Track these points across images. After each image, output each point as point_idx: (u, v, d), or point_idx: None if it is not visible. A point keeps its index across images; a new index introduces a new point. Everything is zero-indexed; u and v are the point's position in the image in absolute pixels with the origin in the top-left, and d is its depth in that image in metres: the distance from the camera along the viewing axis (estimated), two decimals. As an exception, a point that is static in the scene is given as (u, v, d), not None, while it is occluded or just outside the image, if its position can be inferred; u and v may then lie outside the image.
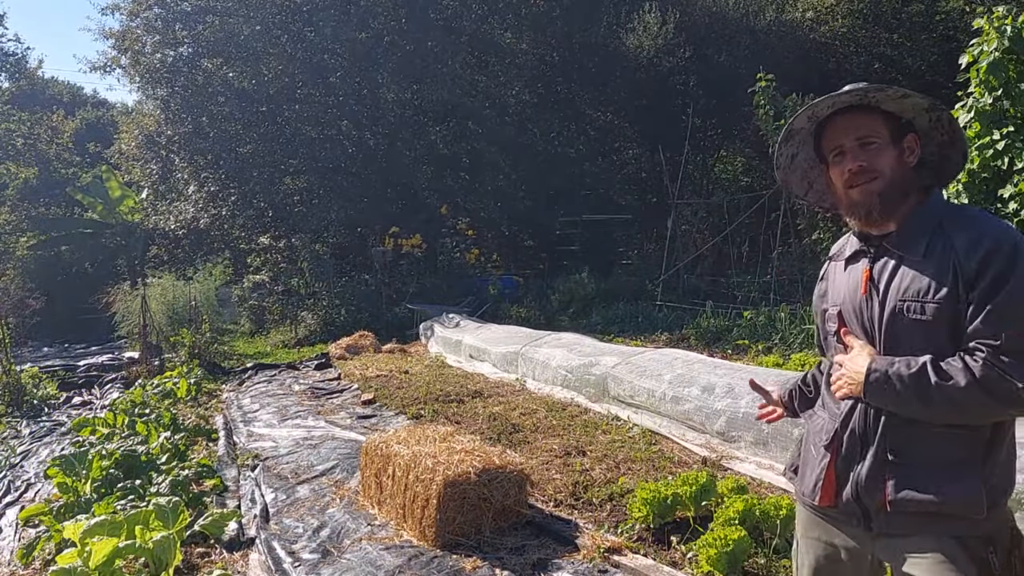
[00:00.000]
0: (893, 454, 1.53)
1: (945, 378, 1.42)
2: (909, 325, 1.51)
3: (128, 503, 3.83)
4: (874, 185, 1.56)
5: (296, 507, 4.21)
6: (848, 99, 1.56)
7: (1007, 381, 1.38)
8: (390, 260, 14.93)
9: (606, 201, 17.20)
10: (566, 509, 3.87)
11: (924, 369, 1.44)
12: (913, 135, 1.59)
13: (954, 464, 1.48)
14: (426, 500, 3.54)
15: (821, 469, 1.64)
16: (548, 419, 5.72)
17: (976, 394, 1.39)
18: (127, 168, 19.18)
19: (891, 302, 1.54)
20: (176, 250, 18.74)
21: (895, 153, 1.57)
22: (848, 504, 1.59)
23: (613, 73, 16.06)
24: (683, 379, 5.25)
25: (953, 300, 1.46)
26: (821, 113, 1.62)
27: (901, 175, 1.57)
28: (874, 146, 1.56)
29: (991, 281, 1.42)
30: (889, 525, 1.54)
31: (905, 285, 1.52)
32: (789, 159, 1.74)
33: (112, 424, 6.07)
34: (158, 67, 16.11)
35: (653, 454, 4.67)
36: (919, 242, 1.53)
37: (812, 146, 1.69)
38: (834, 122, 1.61)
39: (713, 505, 3.51)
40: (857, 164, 1.56)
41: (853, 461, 1.59)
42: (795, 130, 1.67)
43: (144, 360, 9.94)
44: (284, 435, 5.95)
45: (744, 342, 8.28)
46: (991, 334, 1.41)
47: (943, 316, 1.47)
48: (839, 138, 1.60)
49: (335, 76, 16.08)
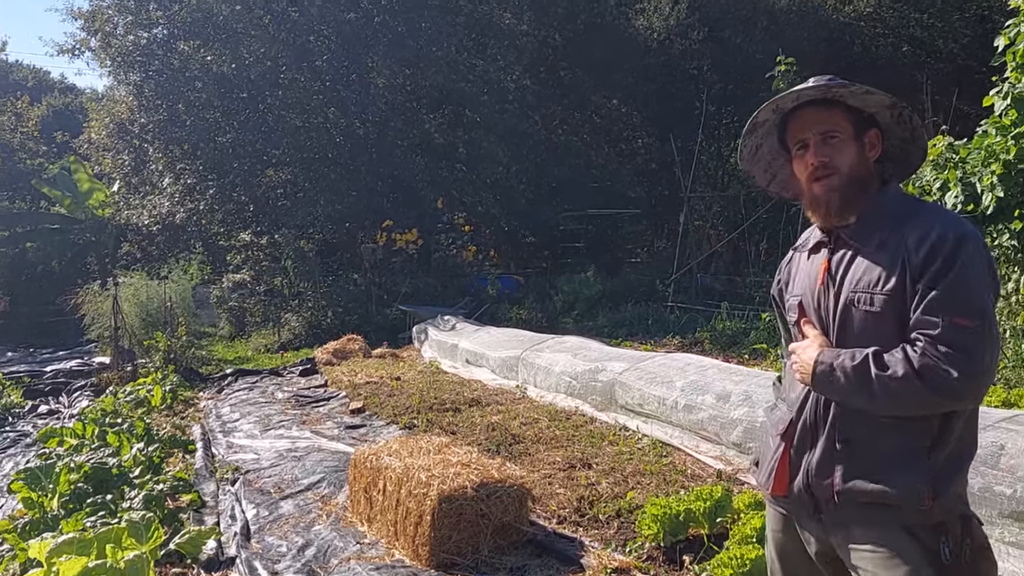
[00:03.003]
0: (842, 443, 1.64)
1: (884, 368, 1.52)
2: (859, 317, 1.63)
3: (98, 520, 3.83)
4: (834, 180, 1.68)
5: (279, 524, 4.21)
6: (812, 93, 1.68)
7: (944, 371, 1.47)
8: (381, 258, 14.94)
9: (613, 194, 17.19)
10: (570, 526, 3.87)
11: (866, 360, 1.54)
12: (876, 131, 1.71)
13: (901, 453, 1.58)
14: (419, 516, 3.54)
15: (775, 458, 1.76)
16: (551, 429, 5.73)
17: (914, 384, 1.49)
18: (97, 159, 19.16)
19: (844, 293, 1.66)
20: (150, 247, 18.72)
21: (856, 148, 1.69)
22: (799, 494, 1.70)
23: (621, 56, 16.07)
24: (696, 386, 5.25)
25: (901, 292, 1.57)
26: (786, 106, 1.73)
27: (861, 170, 1.69)
28: (836, 140, 1.68)
29: (934, 272, 1.53)
30: (838, 516, 1.65)
31: (858, 277, 1.65)
32: (753, 150, 1.87)
33: (81, 435, 6.07)
34: (131, 50, 16.08)
35: (664, 467, 4.67)
36: (874, 235, 1.65)
37: (776, 137, 1.82)
38: (798, 115, 1.73)
39: (729, 522, 3.51)
40: (819, 159, 1.68)
41: (805, 450, 1.70)
42: (759, 122, 1.79)
43: (116, 366, 9.94)
44: (267, 446, 5.96)
45: (762, 346, 8.28)
46: (930, 324, 1.51)
47: (891, 308, 1.58)
48: (803, 131, 1.71)
49: (322, 60, 16.07)
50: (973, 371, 1.48)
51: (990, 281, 1.55)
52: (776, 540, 1.87)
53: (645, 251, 16.06)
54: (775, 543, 1.87)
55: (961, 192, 5.82)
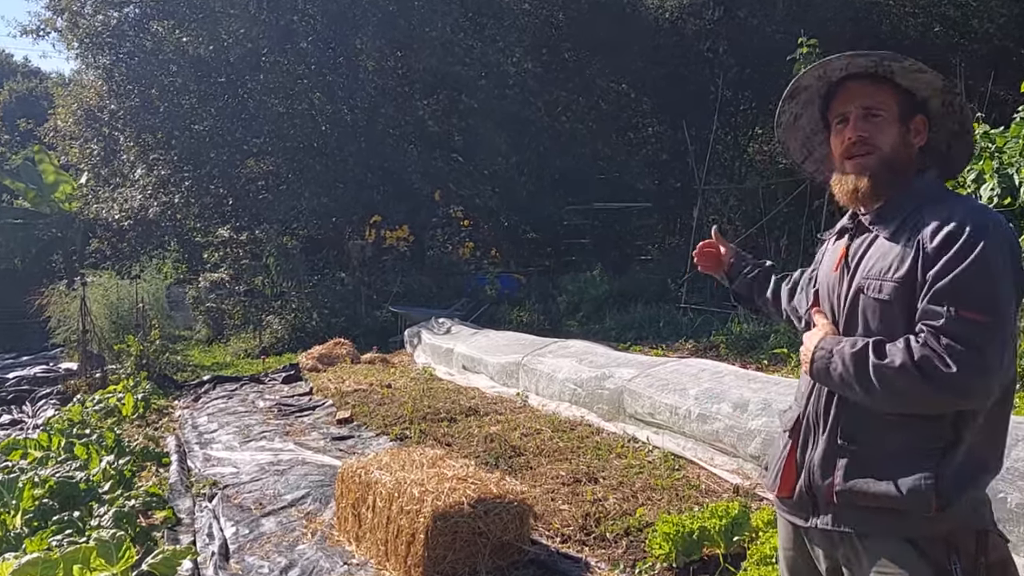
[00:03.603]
0: (845, 439, 1.65)
1: (882, 357, 1.53)
2: (868, 305, 1.65)
3: (65, 538, 3.83)
4: (870, 160, 1.68)
5: (261, 543, 4.21)
6: (863, 63, 1.68)
7: (943, 363, 1.46)
8: (370, 255, 14.94)
9: (621, 187, 17.19)
10: (575, 545, 3.88)
11: (865, 348, 1.56)
12: (922, 117, 1.71)
13: (907, 454, 1.57)
14: (412, 535, 3.54)
15: (782, 456, 1.79)
16: (554, 441, 5.74)
17: (911, 376, 1.49)
18: (64, 148, 19.18)
19: (856, 280, 1.69)
20: (121, 244, 18.73)
21: (899, 130, 1.69)
22: (801, 494, 1.73)
23: (629, 37, 16.06)
24: (712, 394, 5.26)
25: (911, 281, 1.58)
26: (832, 75, 1.73)
27: (900, 155, 1.69)
28: (879, 118, 1.69)
29: (946, 261, 1.53)
30: (837, 520, 1.65)
31: (872, 264, 1.67)
32: (792, 118, 1.87)
33: (47, 446, 6.08)
34: (100, 30, 16.09)
35: (676, 481, 4.68)
36: (893, 221, 1.67)
37: (818, 110, 1.82)
38: (844, 87, 1.73)
39: (747, 541, 3.51)
40: (857, 134, 1.68)
41: (808, 447, 1.73)
42: (801, 87, 1.79)
43: (84, 372, 9.94)
44: (247, 459, 5.97)
45: (783, 351, 8.27)
46: (935, 314, 1.52)
47: (900, 297, 1.59)
48: (846, 104, 1.72)
49: (306, 41, 16.07)
50: (977, 368, 1.46)
51: (1013, 276, 1.54)
52: (787, 558, 1.88)
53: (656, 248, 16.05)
54: (786, 561, 1.88)
55: (997, 184, 5.82)
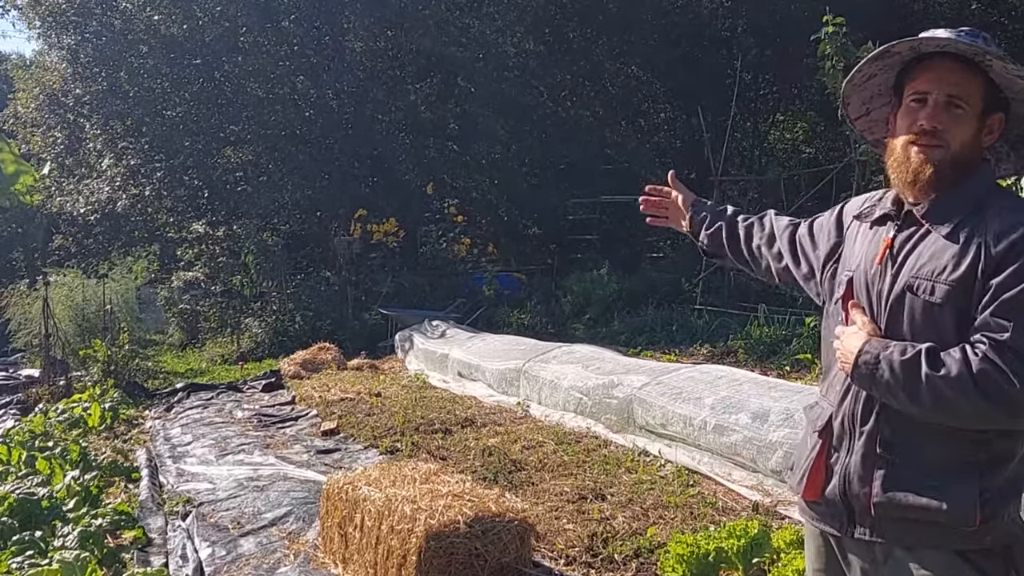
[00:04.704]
0: (884, 447, 1.67)
1: (937, 368, 1.53)
2: (915, 306, 1.65)
3: (26, 560, 3.83)
4: (937, 153, 1.68)
5: (239, 565, 4.21)
6: (963, 48, 1.65)
7: (1005, 380, 1.47)
8: (358, 252, 14.93)
9: (631, 178, 17.13)
10: (581, 567, 3.88)
11: (918, 356, 1.56)
12: (1000, 116, 1.71)
13: (951, 465, 1.60)
14: (403, 557, 3.54)
15: (811, 458, 1.80)
16: (558, 454, 5.73)
17: (968, 390, 1.50)
18: (24, 136, 19.16)
19: (904, 277, 1.68)
20: (87, 240, 18.71)
21: (976, 128, 1.69)
22: (834, 501, 1.74)
23: (639, 15, 16.07)
24: (729, 403, 5.26)
25: (968, 285, 1.58)
26: (926, 49, 1.72)
27: (970, 153, 1.69)
28: (960, 112, 1.68)
29: (1013, 272, 1.54)
30: (877, 531, 1.67)
31: (923, 261, 1.66)
32: (866, 77, 1.85)
33: (6, 460, 6.09)
34: (64, 8, 16.10)
35: (690, 498, 4.68)
36: (951, 218, 1.66)
37: (895, 76, 1.81)
38: (932, 64, 1.71)
39: (767, 563, 3.51)
40: (931, 124, 1.67)
41: (843, 451, 1.74)
42: (892, 52, 1.76)
43: (46, 379, 9.94)
44: (224, 474, 5.96)
45: (806, 356, 8.27)
46: (999, 327, 1.52)
47: (953, 301, 1.60)
48: (929, 84, 1.70)
49: (288, 20, 16.08)
50: None
51: None
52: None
53: (668, 245, 16.02)
54: None
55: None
